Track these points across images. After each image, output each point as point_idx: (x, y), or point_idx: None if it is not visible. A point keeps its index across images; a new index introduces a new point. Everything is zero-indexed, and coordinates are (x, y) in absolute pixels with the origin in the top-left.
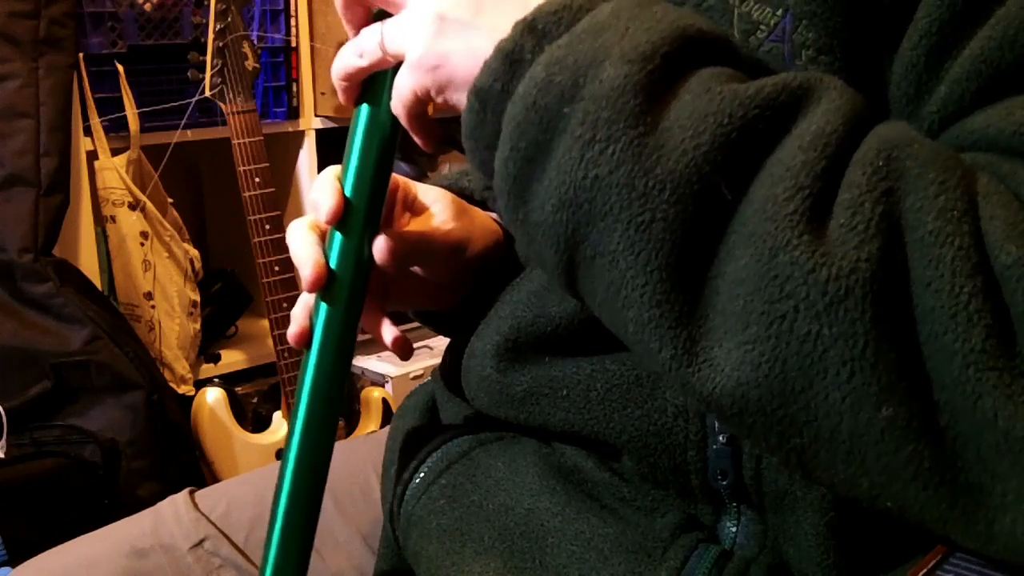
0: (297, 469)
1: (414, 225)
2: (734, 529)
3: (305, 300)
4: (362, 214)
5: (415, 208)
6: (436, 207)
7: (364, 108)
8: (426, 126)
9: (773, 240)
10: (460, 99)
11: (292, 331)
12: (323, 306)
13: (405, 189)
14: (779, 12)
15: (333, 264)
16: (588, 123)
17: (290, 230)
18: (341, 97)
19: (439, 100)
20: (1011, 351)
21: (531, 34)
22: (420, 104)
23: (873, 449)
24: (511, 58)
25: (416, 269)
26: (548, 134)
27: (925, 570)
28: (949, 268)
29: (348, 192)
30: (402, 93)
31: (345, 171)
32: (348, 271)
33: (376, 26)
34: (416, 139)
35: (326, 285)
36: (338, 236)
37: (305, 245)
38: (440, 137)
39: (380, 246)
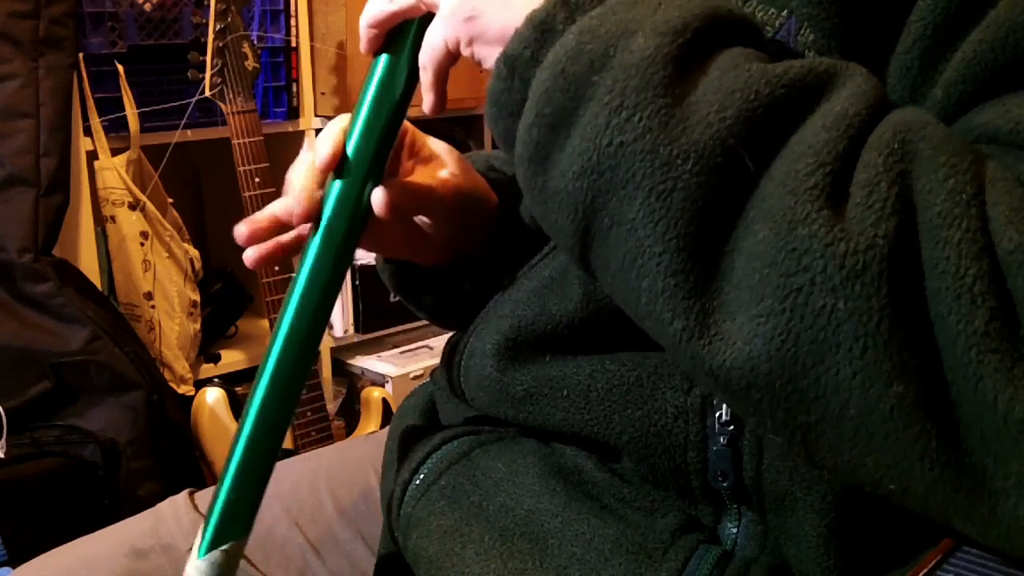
0: (266, 402)
1: (419, 174)
2: (735, 530)
3: (304, 166)
4: (366, 164)
5: (421, 156)
6: (444, 157)
7: (384, 58)
8: (443, 85)
9: (792, 213)
10: (488, 55)
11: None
12: (315, 243)
13: (413, 135)
14: (783, 14)
15: (330, 210)
16: (616, 91)
17: (294, 165)
18: (363, 46)
19: (467, 53)
20: (1013, 335)
21: (564, 6)
22: (448, 57)
23: (881, 427)
24: (543, 27)
25: (421, 219)
26: (575, 101)
27: (926, 570)
28: (956, 250)
29: (356, 140)
30: (433, 43)
31: (354, 119)
32: (344, 219)
33: None
34: (427, 97)
35: (321, 222)
36: (338, 183)
37: (301, 177)
38: (444, 104)
39: (380, 198)
